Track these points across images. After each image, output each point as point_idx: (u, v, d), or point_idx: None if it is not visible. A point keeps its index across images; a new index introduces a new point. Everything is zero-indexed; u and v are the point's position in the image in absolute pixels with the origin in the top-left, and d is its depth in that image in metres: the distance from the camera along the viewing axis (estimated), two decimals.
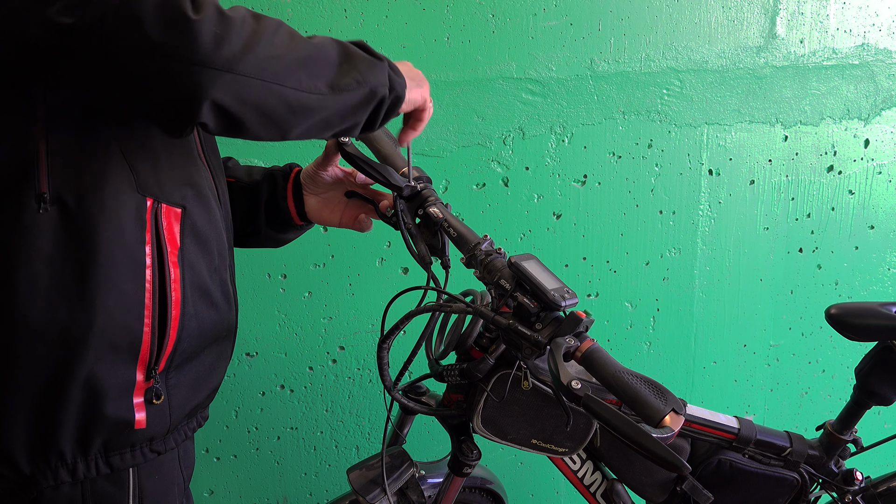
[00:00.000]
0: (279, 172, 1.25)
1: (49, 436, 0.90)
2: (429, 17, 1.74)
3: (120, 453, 0.94)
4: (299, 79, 0.84)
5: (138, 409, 0.94)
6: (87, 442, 0.91)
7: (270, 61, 0.81)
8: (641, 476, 1.44)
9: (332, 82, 0.87)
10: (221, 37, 0.76)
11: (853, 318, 1.47)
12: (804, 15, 2.07)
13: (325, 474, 2.00)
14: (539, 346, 1.00)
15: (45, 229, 0.84)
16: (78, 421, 0.90)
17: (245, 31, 0.79)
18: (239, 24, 0.79)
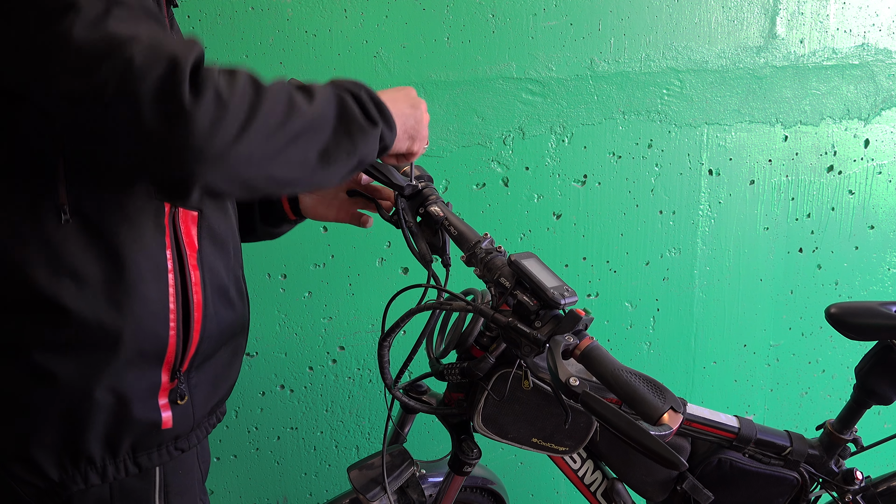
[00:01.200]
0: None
1: (78, 442, 0.90)
2: (429, 17, 1.75)
3: (147, 453, 0.96)
4: (290, 156, 0.83)
5: (164, 409, 0.95)
6: (117, 445, 0.93)
7: (264, 142, 0.80)
8: (642, 475, 1.44)
9: (322, 151, 0.86)
10: (217, 123, 0.75)
11: (853, 317, 1.47)
12: (804, 15, 2.07)
13: (325, 474, 2.00)
14: (538, 343, 1.00)
15: (68, 240, 0.85)
16: (107, 426, 0.91)
17: (242, 110, 0.78)
18: (237, 104, 0.77)
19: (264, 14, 1.64)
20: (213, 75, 0.76)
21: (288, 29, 1.67)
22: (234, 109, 0.76)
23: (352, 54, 1.72)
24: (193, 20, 1.61)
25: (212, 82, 0.75)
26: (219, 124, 0.75)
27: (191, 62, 0.74)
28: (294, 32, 1.67)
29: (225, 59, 1.64)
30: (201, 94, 0.74)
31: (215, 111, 0.75)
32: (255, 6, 1.64)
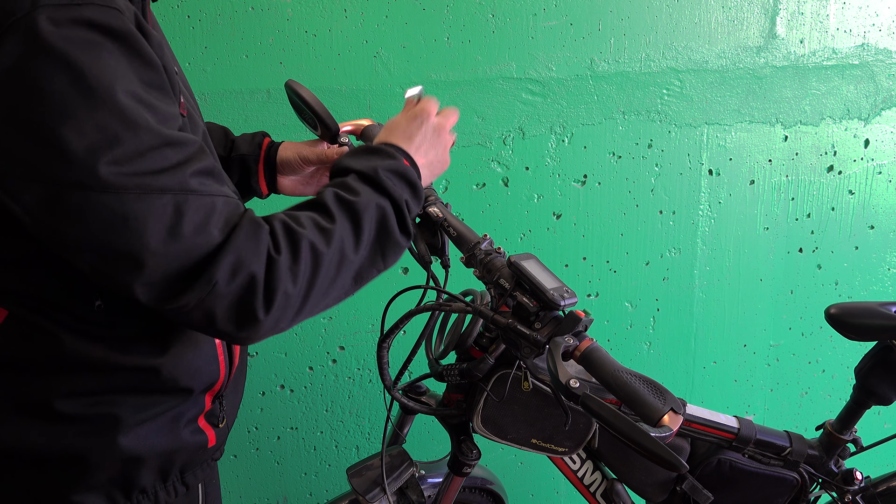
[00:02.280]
0: (250, 158, 1.23)
1: (133, 478, 0.91)
2: (429, 17, 1.75)
3: (193, 472, 0.98)
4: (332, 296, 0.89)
5: (206, 429, 0.98)
6: (168, 471, 0.95)
7: (316, 305, 0.86)
8: (641, 476, 1.44)
9: (356, 276, 0.91)
10: (282, 318, 0.82)
11: (853, 317, 1.47)
12: (804, 15, 2.07)
13: (325, 474, 2.00)
14: (538, 345, 1.00)
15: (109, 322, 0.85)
16: (161, 458, 0.93)
17: (301, 295, 0.83)
18: (299, 293, 0.82)
19: (264, 14, 1.64)
20: (282, 276, 0.80)
21: (288, 29, 1.67)
22: (296, 298, 0.83)
23: (352, 54, 1.72)
24: (193, 20, 1.61)
25: (282, 286, 0.81)
26: (283, 317, 0.82)
27: (263, 276, 0.79)
28: (294, 32, 1.67)
29: (225, 59, 1.64)
30: (272, 305, 0.81)
31: (282, 312, 0.82)
32: (255, 6, 1.63)
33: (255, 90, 1.67)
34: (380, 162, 0.94)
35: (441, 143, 1.05)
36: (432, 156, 1.03)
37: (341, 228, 0.86)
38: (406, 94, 1.12)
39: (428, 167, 1.02)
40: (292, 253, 0.81)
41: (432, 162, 1.04)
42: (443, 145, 1.06)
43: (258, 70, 1.66)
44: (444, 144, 1.06)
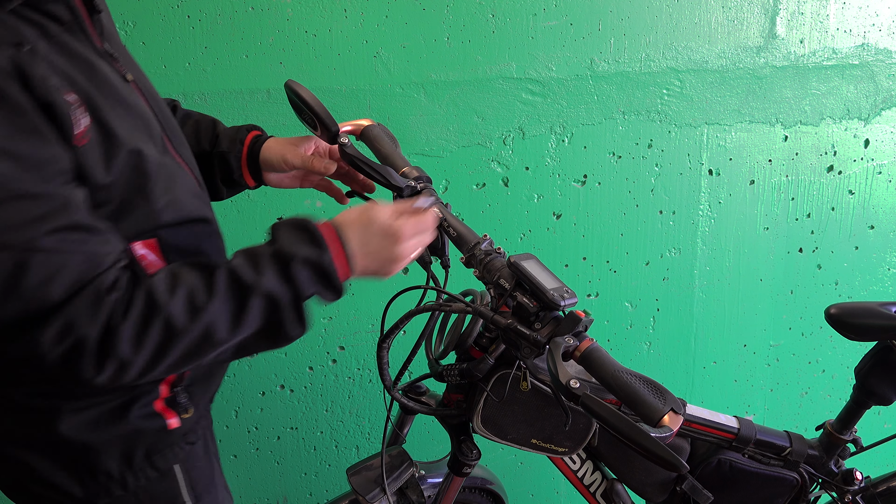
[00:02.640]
0: (231, 155, 1.21)
1: (94, 462, 0.94)
2: (429, 17, 1.75)
3: (163, 455, 0.99)
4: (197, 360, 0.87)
5: (165, 413, 0.99)
6: (131, 456, 0.96)
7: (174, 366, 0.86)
8: (641, 476, 1.44)
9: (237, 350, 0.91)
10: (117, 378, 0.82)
11: (853, 318, 1.47)
12: (804, 15, 2.07)
13: (325, 474, 2.00)
14: (538, 345, 1.00)
15: None
16: (117, 444, 0.95)
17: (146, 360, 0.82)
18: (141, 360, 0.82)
19: (264, 14, 1.64)
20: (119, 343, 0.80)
21: (288, 29, 1.66)
22: (139, 364, 0.82)
23: (352, 54, 1.72)
24: (193, 20, 1.61)
25: (117, 352, 0.80)
26: (122, 377, 0.82)
27: (96, 341, 0.79)
28: (294, 32, 1.67)
29: (225, 59, 1.64)
30: (104, 368, 0.80)
31: (119, 374, 0.82)
32: (255, 6, 1.63)
33: (255, 90, 1.67)
34: (304, 250, 0.90)
35: (390, 266, 0.99)
36: (373, 268, 0.98)
37: (216, 309, 0.85)
38: (416, 203, 1.06)
39: (364, 271, 0.97)
40: (141, 324, 0.81)
41: (370, 271, 0.98)
42: (390, 269, 1.00)
43: (258, 70, 1.66)
44: (391, 270, 1.00)
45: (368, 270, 0.97)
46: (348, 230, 0.95)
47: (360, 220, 0.96)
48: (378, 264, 0.98)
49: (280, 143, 1.22)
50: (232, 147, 1.21)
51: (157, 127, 0.96)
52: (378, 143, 1.28)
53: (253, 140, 1.23)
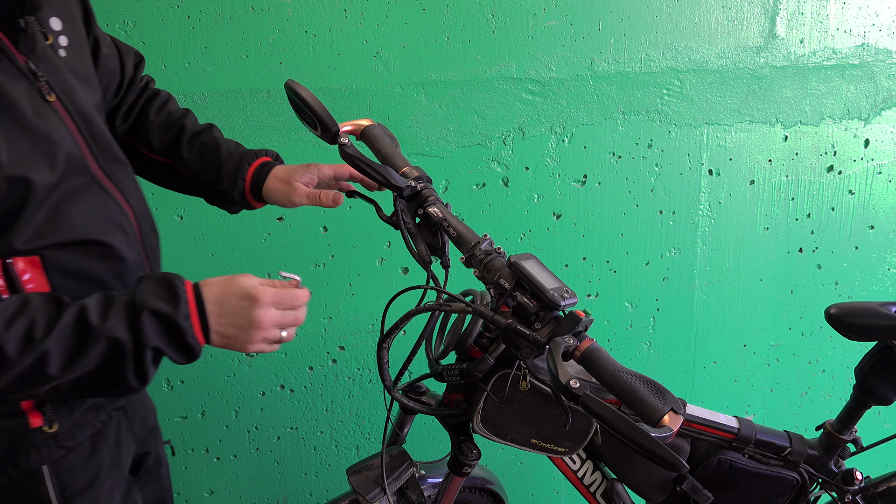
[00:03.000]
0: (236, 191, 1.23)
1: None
2: (429, 17, 1.75)
3: (26, 454, 0.97)
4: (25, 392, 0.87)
5: (28, 412, 0.97)
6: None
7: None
8: (641, 476, 1.44)
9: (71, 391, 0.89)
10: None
11: (853, 318, 1.46)
12: (804, 15, 2.07)
13: (325, 474, 2.00)
14: (538, 345, 1.00)
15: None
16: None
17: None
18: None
19: (264, 14, 1.64)
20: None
21: (288, 29, 1.67)
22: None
23: (352, 54, 1.72)
24: (193, 20, 1.61)
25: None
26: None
27: None
28: (294, 32, 1.67)
29: (225, 59, 1.64)
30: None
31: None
32: (255, 6, 1.63)
33: (255, 90, 1.67)
34: (157, 303, 0.89)
35: (248, 333, 0.95)
36: (231, 333, 0.94)
37: (52, 345, 0.84)
38: (280, 273, 1.02)
39: (221, 336, 0.94)
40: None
41: (229, 336, 0.94)
42: (248, 336, 0.95)
43: (258, 70, 1.66)
44: (250, 337, 0.95)
45: (225, 335, 0.94)
46: (207, 288, 0.94)
47: (224, 281, 0.95)
48: (234, 329, 0.94)
49: (282, 180, 1.23)
50: (233, 186, 1.24)
51: (72, 148, 0.95)
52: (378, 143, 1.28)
53: (255, 175, 1.24)
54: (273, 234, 1.78)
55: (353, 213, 1.81)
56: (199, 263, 1.75)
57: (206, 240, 1.74)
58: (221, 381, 1.85)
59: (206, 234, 1.74)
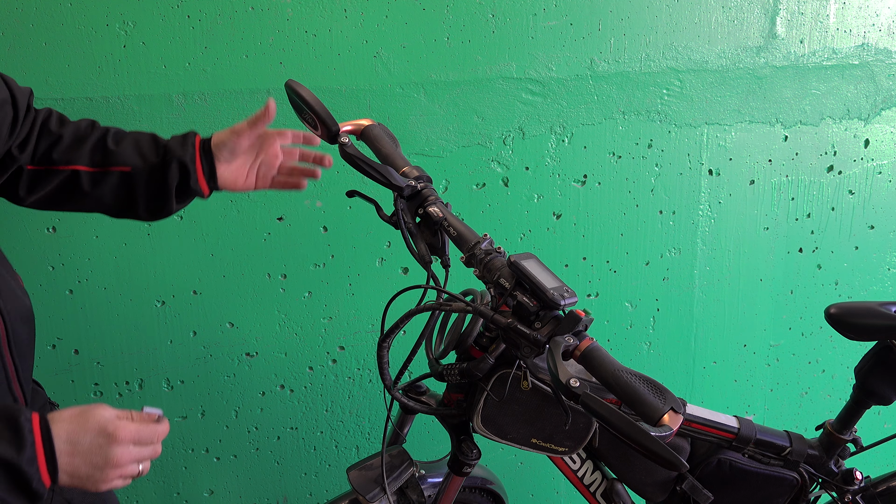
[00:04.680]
0: (187, 157, 1.18)
1: None
2: (429, 17, 1.75)
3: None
4: None
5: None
6: None
7: None
8: (641, 475, 1.44)
9: None
10: None
11: (853, 317, 1.47)
12: (804, 15, 2.07)
13: (325, 474, 2.00)
14: (538, 344, 1.00)
15: None
16: None
17: None
18: None
19: (264, 14, 1.64)
20: None
21: (288, 29, 1.67)
22: None
23: (352, 54, 1.72)
24: (193, 20, 1.61)
25: None
26: None
27: None
28: (294, 32, 1.67)
29: (225, 59, 1.64)
30: None
31: None
32: (255, 6, 1.63)
33: (255, 90, 1.67)
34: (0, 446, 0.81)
35: (103, 473, 0.87)
36: (84, 472, 0.86)
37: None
38: (144, 408, 0.94)
39: (71, 476, 0.86)
40: None
41: (80, 476, 0.86)
42: (104, 475, 0.88)
43: (258, 70, 1.67)
44: (105, 476, 0.88)
45: (77, 475, 0.86)
46: (59, 424, 0.85)
47: (76, 415, 0.87)
48: (88, 468, 0.86)
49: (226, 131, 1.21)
50: (185, 151, 1.18)
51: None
52: (378, 142, 1.28)
53: (202, 140, 1.21)
54: (273, 234, 1.78)
55: (353, 213, 1.81)
56: (199, 263, 1.75)
57: (206, 240, 1.74)
58: (221, 381, 1.85)
59: (206, 234, 1.74)
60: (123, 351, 1.77)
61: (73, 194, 1.17)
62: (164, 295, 1.75)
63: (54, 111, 1.20)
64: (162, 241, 1.72)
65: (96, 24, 1.56)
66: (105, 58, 1.58)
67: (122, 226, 1.68)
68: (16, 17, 1.52)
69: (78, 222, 1.67)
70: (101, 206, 1.21)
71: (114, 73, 1.59)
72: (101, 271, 1.70)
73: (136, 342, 1.76)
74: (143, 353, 1.78)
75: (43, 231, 1.65)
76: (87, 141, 1.17)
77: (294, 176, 1.31)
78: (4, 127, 1.07)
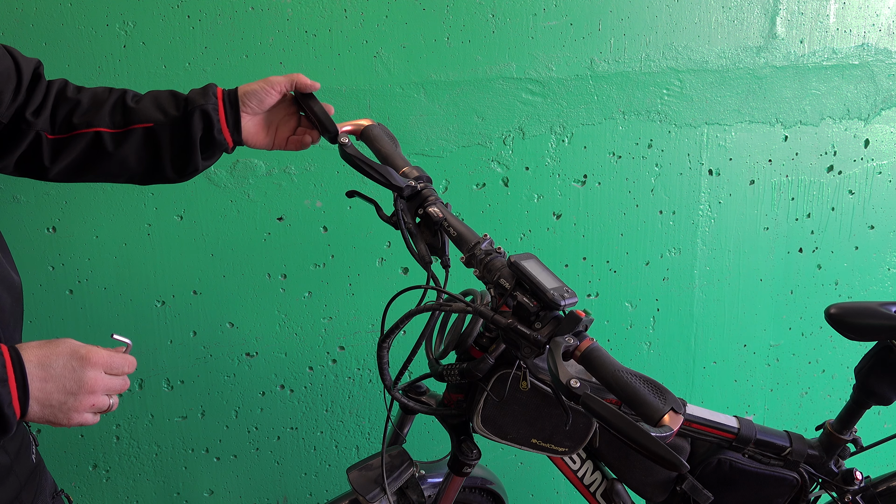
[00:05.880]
0: (210, 106, 1.15)
1: None
2: (429, 17, 1.75)
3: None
4: None
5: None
6: None
7: None
8: (641, 476, 1.44)
9: None
10: None
11: (853, 317, 1.47)
12: (804, 15, 2.07)
13: (325, 474, 2.00)
14: (538, 345, 1.00)
15: None
16: None
17: None
18: None
19: (264, 14, 1.64)
20: None
21: (288, 29, 1.67)
22: None
23: (352, 54, 1.72)
24: (193, 20, 1.61)
25: None
26: None
27: None
28: (294, 32, 1.67)
29: (225, 59, 1.64)
30: None
31: None
32: (255, 6, 1.63)
33: None
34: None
35: (76, 399, 0.85)
36: (56, 399, 0.84)
37: None
38: (113, 336, 0.94)
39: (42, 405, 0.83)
40: None
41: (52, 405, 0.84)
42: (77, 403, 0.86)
43: (258, 70, 1.66)
44: (78, 403, 0.86)
45: (49, 403, 0.83)
46: (29, 350, 0.83)
47: (46, 343, 0.85)
48: (61, 394, 0.84)
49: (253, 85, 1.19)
50: (206, 100, 1.15)
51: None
52: (378, 142, 1.28)
53: (224, 91, 1.19)
54: (273, 234, 1.78)
55: (353, 213, 1.81)
56: (199, 263, 1.75)
57: (206, 240, 1.74)
58: (221, 381, 1.85)
59: (206, 234, 1.74)
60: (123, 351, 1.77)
61: (98, 158, 1.15)
62: (164, 295, 1.75)
63: (69, 81, 1.18)
64: (162, 241, 1.72)
65: (96, 24, 1.56)
66: (105, 58, 1.58)
67: (122, 226, 1.68)
68: (16, 17, 1.52)
69: (78, 222, 1.67)
70: (126, 170, 1.17)
71: (114, 73, 1.59)
72: (101, 271, 1.70)
73: (136, 342, 1.75)
74: (143, 353, 1.78)
75: (43, 231, 1.65)
76: (105, 103, 1.14)
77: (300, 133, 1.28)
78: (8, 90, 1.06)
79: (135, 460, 1.86)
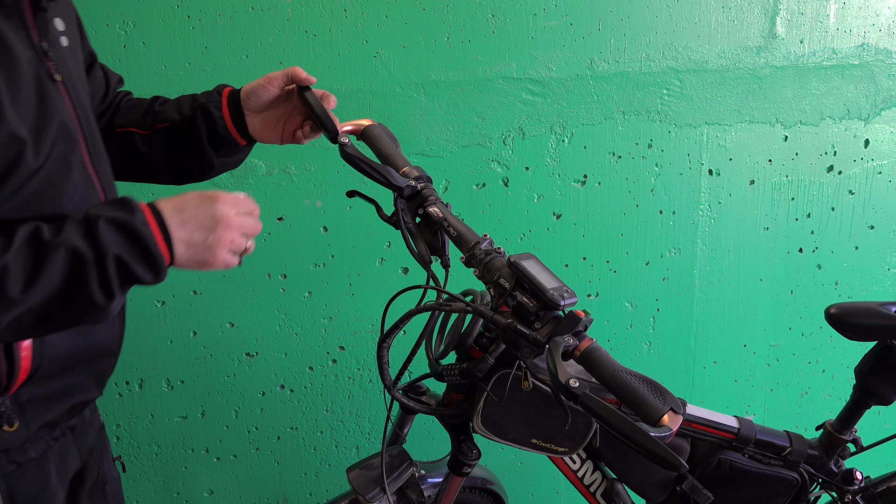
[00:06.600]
0: (211, 104, 1.20)
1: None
2: (429, 17, 1.75)
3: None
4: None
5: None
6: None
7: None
8: (641, 476, 1.44)
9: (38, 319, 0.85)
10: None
11: (853, 317, 1.47)
12: (804, 15, 2.07)
13: (325, 474, 2.00)
14: (538, 344, 1.00)
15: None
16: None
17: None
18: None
19: (264, 14, 1.64)
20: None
21: (288, 29, 1.67)
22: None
23: (352, 54, 1.72)
24: (193, 20, 1.61)
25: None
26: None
27: None
28: (294, 32, 1.67)
29: (225, 59, 1.64)
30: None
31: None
32: (255, 6, 1.63)
33: None
34: (112, 211, 0.87)
35: (216, 235, 0.92)
36: (198, 238, 0.91)
37: (9, 263, 0.81)
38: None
39: (187, 245, 0.91)
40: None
41: (196, 243, 0.91)
42: (217, 238, 0.92)
43: (258, 70, 1.66)
44: (218, 238, 0.92)
45: (191, 241, 0.90)
46: (162, 202, 0.91)
47: (177, 196, 0.93)
48: (201, 232, 0.91)
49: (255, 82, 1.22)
50: (210, 99, 1.21)
51: (73, 133, 0.94)
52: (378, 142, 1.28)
53: (230, 90, 1.23)
54: (273, 234, 1.78)
55: (353, 213, 1.81)
56: None
57: None
58: (221, 381, 1.85)
59: None
60: (123, 351, 1.76)
61: (131, 157, 1.23)
62: (164, 295, 1.76)
63: (130, 92, 1.28)
64: None
65: (96, 24, 1.56)
66: (105, 58, 1.58)
67: None
68: None
69: None
70: (157, 170, 1.25)
71: None
72: None
73: (136, 342, 1.76)
74: (143, 353, 1.78)
75: None
76: (140, 107, 1.23)
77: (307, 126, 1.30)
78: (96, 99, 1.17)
79: (135, 460, 1.86)
